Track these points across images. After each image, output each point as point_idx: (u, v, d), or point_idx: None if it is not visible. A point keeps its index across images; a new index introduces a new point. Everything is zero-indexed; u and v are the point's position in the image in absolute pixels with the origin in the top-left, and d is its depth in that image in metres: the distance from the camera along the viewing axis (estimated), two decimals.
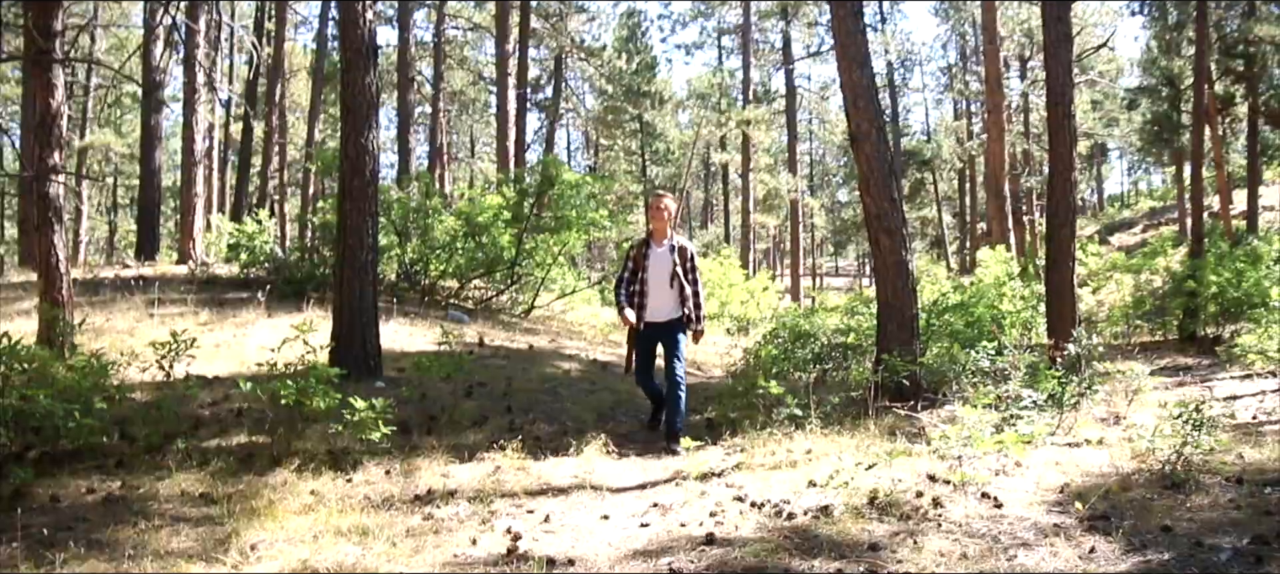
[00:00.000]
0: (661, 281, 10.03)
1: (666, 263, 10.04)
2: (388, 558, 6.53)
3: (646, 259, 10.07)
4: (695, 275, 10.22)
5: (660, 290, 10.03)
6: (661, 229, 10.17)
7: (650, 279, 10.02)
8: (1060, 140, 13.92)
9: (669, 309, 10.09)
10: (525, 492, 8.40)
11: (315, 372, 9.36)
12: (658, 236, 10.17)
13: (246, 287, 18.31)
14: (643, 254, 10.11)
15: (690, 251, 10.28)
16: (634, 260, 10.16)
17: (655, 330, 10.12)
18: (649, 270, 10.02)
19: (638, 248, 10.23)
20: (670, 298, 10.08)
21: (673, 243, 10.16)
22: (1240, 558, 6.38)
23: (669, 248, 10.11)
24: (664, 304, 10.07)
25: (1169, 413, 9.45)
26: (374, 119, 12.36)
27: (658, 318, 10.07)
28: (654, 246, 10.11)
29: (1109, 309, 28.62)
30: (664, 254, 10.08)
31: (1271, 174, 47.88)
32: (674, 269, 10.04)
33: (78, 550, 6.43)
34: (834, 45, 13.49)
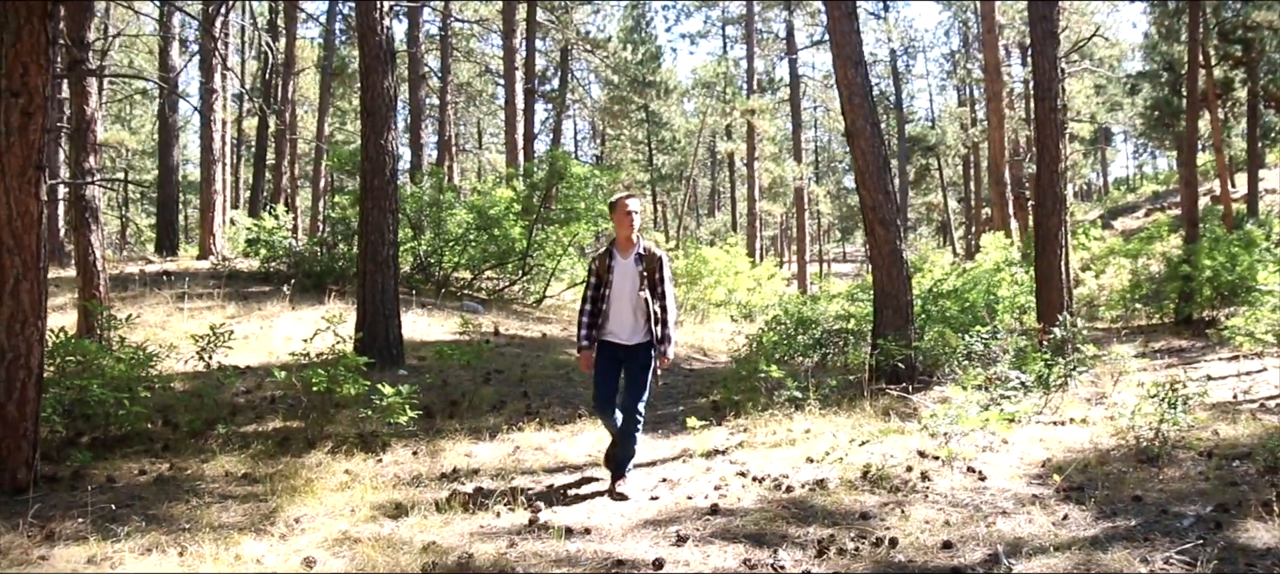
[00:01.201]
0: (626, 298, 8.34)
1: (632, 275, 8.34)
2: (421, 528, 7.18)
3: (611, 272, 8.39)
4: (665, 288, 8.43)
5: (625, 308, 8.34)
6: (627, 237, 8.40)
7: (614, 295, 8.35)
8: (1047, 133, 14.50)
9: (634, 330, 8.34)
10: (543, 469, 9.10)
11: (345, 360, 10.03)
12: (623, 245, 8.44)
13: (267, 280, 18.92)
14: (606, 266, 8.43)
15: (661, 260, 8.48)
16: (597, 274, 8.49)
17: (617, 352, 8.38)
18: (613, 286, 8.35)
19: (601, 259, 8.54)
20: (636, 318, 8.35)
21: (640, 250, 8.43)
22: (1201, 524, 7.02)
23: (636, 257, 8.38)
24: (629, 323, 8.35)
25: (1147, 393, 10.11)
26: (393, 120, 12.97)
27: (621, 338, 8.35)
28: (619, 257, 8.40)
29: (1109, 293, 29.10)
30: (630, 266, 8.36)
31: (1274, 157, 48.26)
32: (641, 283, 8.32)
33: (139, 524, 7.07)
34: (830, 44, 14.07)
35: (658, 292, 8.37)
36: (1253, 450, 8.95)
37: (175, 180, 26.54)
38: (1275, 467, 8.47)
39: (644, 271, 8.33)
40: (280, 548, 6.70)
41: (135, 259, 23.76)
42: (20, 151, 7.77)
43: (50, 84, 8.13)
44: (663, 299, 8.39)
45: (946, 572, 6.17)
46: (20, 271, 7.87)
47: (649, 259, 8.38)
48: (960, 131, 60.12)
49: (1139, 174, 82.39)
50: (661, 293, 8.38)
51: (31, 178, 7.84)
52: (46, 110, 8.04)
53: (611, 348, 8.39)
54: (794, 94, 51.65)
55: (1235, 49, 35.62)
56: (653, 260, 8.39)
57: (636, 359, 8.34)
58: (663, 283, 8.39)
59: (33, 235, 7.92)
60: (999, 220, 32.97)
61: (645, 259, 8.37)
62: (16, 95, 7.74)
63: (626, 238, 8.41)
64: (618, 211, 8.45)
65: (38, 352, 8.06)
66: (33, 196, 7.87)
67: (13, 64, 7.74)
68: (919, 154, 65.92)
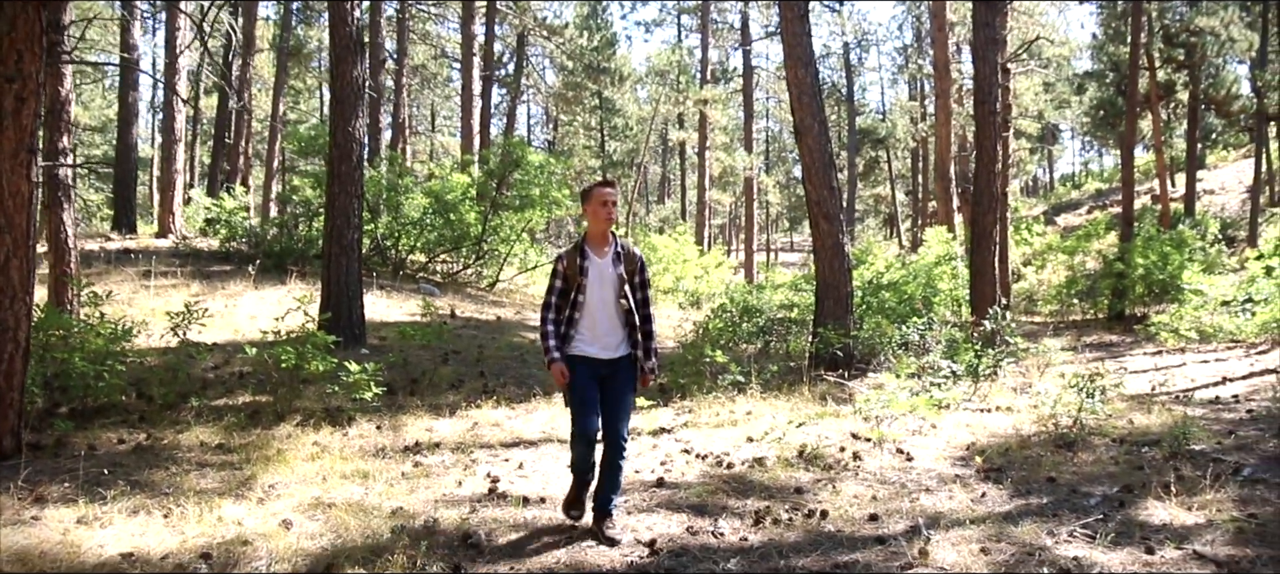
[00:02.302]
0: (605, 305, 6.92)
1: (610, 279, 6.93)
2: (387, 495, 7.75)
3: (584, 273, 6.91)
4: (647, 295, 7.16)
5: (604, 317, 6.93)
6: (602, 232, 7.00)
7: (590, 301, 6.91)
8: (986, 135, 15.20)
9: (615, 343, 6.96)
10: (500, 444, 9.68)
11: (314, 339, 10.56)
12: (597, 241, 7.01)
13: (227, 260, 19.30)
14: (578, 266, 6.93)
15: (642, 262, 7.17)
16: (565, 276, 6.98)
17: (597, 369, 6.91)
18: (587, 290, 6.90)
19: (570, 258, 7.01)
20: (616, 327, 6.96)
21: (619, 249, 7.04)
22: (1106, 502, 7.71)
23: (614, 256, 6.99)
24: (608, 336, 6.95)
25: (1067, 384, 10.86)
26: (361, 109, 13.44)
27: (600, 353, 6.92)
28: (593, 255, 6.95)
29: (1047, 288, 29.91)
30: (607, 267, 6.94)
31: (1214, 158, 49.42)
32: (621, 287, 6.94)
33: (124, 488, 7.57)
34: (782, 44, 14.69)
35: (638, 297, 7.04)
36: (1161, 438, 9.68)
37: (133, 158, 26.75)
38: (1178, 452, 9.20)
39: (624, 274, 6.94)
40: (258, 511, 7.24)
41: (94, 236, 24.00)
42: (13, 135, 8.22)
43: (42, 71, 8.58)
44: (645, 307, 7.09)
45: (871, 540, 6.79)
46: (10, 249, 8.32)
47: (628, 259, 7.02)
48: (910, 125, 60.87)
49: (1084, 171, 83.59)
50: (643, 300, 7.08)
51: (24, 160, 8.30)
52: (39, 96, 8.50)
53: (590, 365, 6.85)
54: (747, 85, 52.23)
55: (1178, 53, 36.57)
56: (633, 261, 7.04)
57: (620, 376, 6.94)
58: (644, 288, 7.11)
59: (24, 215, 8.38)
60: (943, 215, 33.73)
61: (625, 259, 7.00)
62: (11, 81, 8.19)
63: (601, 233, 6.97)
64: (591, 201, 6.92)
65: (25, 326, 8.52)
66: (24, 178, 8.33)
67: (7, 51, 8.19)
68: (869, 146, 66.70)
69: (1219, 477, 8.24)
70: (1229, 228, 35.07)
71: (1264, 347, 17.09)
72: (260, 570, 6.09)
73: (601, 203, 6.94)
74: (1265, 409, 11.45)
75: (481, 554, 6.51)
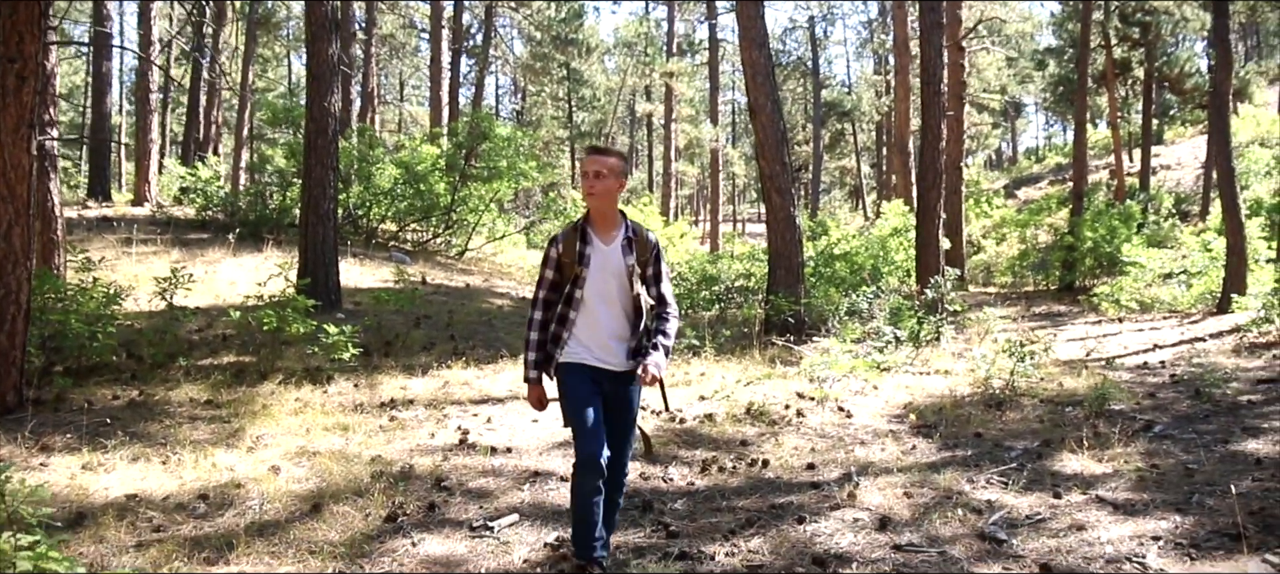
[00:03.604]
0: (609, 303, 5.48)
1: (618, 269, 5.46)
2: (367, 445, 8.46)
3: (584, 262, 5.45)
4: (664, 289, 5.63)
5: (608, 319, 5.48)
6: (607, 209, 5.49)
7: (590, 297, 5.45)
8: (931, 114, 15.93)
9: (622, 353, 5.51)
10: (470, 401, 10.39)
11: (294, 303, 11.23)
12: (601, 222, 5.50)
13: (204, 227, 19.86)
14: (577, 252, 5.47)
15: (655, 246, 5.69)
16: (561, 265, 5.53)
17: (601, 381, 5.47)
18: (587, 284, 5.44)
19: (567, 242, 5.50)
20: (623, 332, 5.52)
21: (630, 233, 5.56)
22: (1026, 454, 8.50)
23: (623, 241, 5.50)
24: (613, 342, 5.49)
25: (1000, 348, 11.66)
26: (336, 84, 14.06)
27: (608, 361, 5.48)
28: (596, 239, 5.47)
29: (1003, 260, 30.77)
30: (614, 255, 5.46)
31: (1171, 135, 50.39)
32: (631, 281, 5.49)
33: (123, 439, 8.23)
34: (737, 27, 15.38)
35: (653, 291, 5.57)
36: (1084, 398, 10.47)
37: (108, 127, 27.20)
38: (1099, 411, 10.00)
39: (634, 265, 5.48)
40: (248, 459, 7.92)
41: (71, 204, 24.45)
42: (15, 111, 8.83)
43: (41, 51, 9.19)
44: (661, 305, 5.58)
45: (806, 485, 7.54)
46: (12, 218, 8.94)
47: (641, 244, 5.55)
48: (874, 98, 61.59)
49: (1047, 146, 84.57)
50: (659, 295, 5.58)
51: (24, 135, 8.91)
52: (38, 75, 9.11)
53: (593, 375, 5.44)
54: (712, 57, 52.77)
55: (1134, 31, 37.35)
56: (646, 247, 5.57)
57: (625, 392, 5.60)
58: (660, 282, 5.60)
59: (24, 186, 9.00)
60: (902, 188, 34.43)
61: (636, 244, 5.53)
62: (12, 61, 8.79)
63: (601, 212, 5.48)
64: (590, 173, 5.42)
65: (26, 289, 9.15)
66: (25, 151, 8.94)
67: (9, 33, 8.79)
68: (835, 119, 67.31)
69: (1132, 433, 9.06)
70: (1183, 203, 36.02)
71: (1197, 317, 17.95)
72: (254, 508, 6.77)
73: (599, 171, 5.37)
74: (1186, 374, 12.25)
75: (453, 495, 7.23)
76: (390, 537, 6.31)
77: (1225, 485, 7.26)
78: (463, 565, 5.90)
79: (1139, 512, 6.86)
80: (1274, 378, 11.81)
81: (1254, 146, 39.20)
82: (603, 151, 5.57)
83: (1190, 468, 7.93)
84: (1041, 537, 6.38)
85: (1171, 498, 7.12)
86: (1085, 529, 6.49)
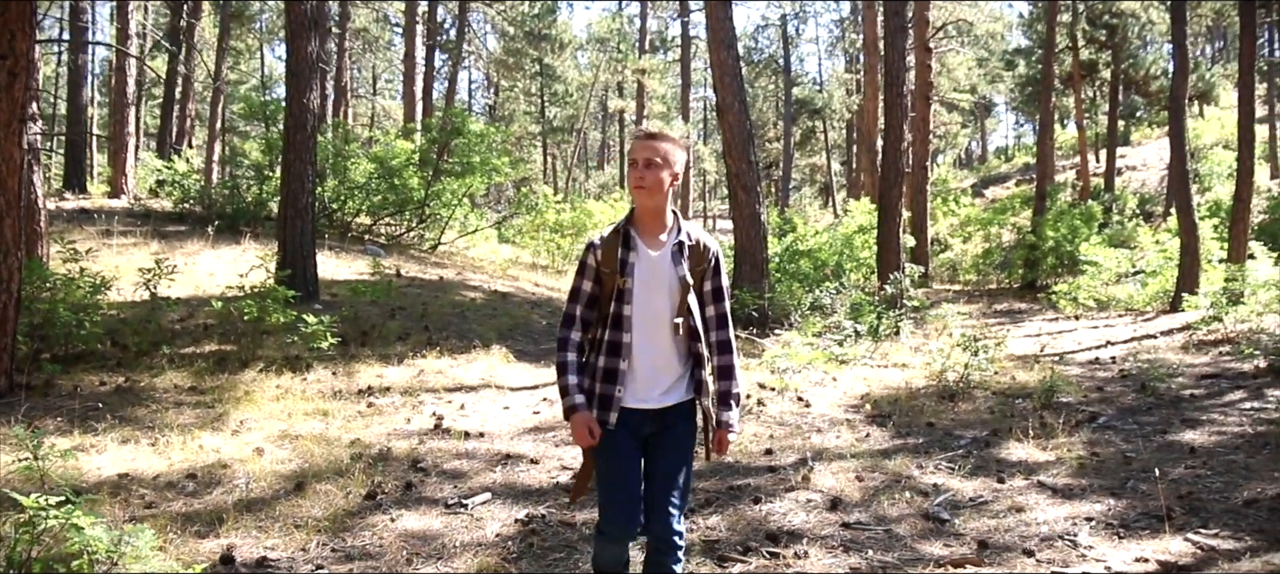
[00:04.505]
0: (659, 323, 4.39)
1: (668, 280, 4.38)
2: (346, 429, 8.87)
3: (628, 272, 4.36)
4: (724, 308, 4.56)
5: (656, 343, 4.39)
6: (659, 207, 4.39)
7: (637, 316, 4.36)
8: (894, 115, 16.40)
9: (668, 382, 4.41)
10: (444, 389, 10.80)
11: (274, 293, 11.60)
12: (649, 222, 4.43)
13: (182, 220, 20.13)
14: (620, 260, 4.37)
15: (714, 254, 4.54)
16: (598, 276, 4.43)
17: (639, 425, 4.37)
18: (633, 298, 4.36)
19: (608, 247, 4.40)
20: (672, 359, 4.42)
21: (684, 238, 4.45)
22: (974, 442, 8.98)
23: (674, 247, 4.41)
24: (660, 372, 4.40)
25: (955, 343, 12.15)
26: (314, 81, 14.38)
27: (645, 398, 4.37)
28: (642, 245, 4.40)
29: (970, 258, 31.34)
30: (662, 263, 4.39)
31: (1139, 135, 51.09)
32: (685, 296, 4.39)
33: (112, 422, 8.61)
34: (706, 28, 15.82)
35: (709, 311, 4.51)
36: (1035, 391, 10.95)
37: (84, 119, 27.41)
38: (1048, 403, 10.48)
39: (687, 276, 4.38)
40: (233, 441, 8.32)
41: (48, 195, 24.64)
42: (6, 107, 9.17)
43: (33, 48, 9.53)
44: (723, 326, 4.52)
45: (763, 469, 7.99)
46: (4, 209, 9.29)
47: (697, 253, 4.46)
48: (845, 96, 62.00)
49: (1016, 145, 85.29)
50: (720, 317, 4.52)
51: (15, 130, 9.26)
52: (30, 72, 9.45)
53: (629, 420, 4.35)
54: (685, 54, 53.18)
55: (1101, 33, 37.96)
56: (702, 255, 4.47)
57: (674, 432, 4.41)
58: (720, 300, 4.54)
59: (16, 179, 9.35)
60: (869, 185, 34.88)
61: (691, 251, 4.43)
62: (4, 58, 9.13)
63: (651, 211, 4.40)
64: (639, 161, 4.33)
65: (17, 278, 9.49)
66: (17, 145, 9.29)
67: (1, 31, 9.13)
68: (806, 116, 67.68)
69: (1077, 423, 9.57)
70: (1147, 203, 36.64)
71: (1151, 315, 18.52)
72: (241, 486, 7.16)
73: (631, 161, 4.39)
74: (1134, 369, 12.75)
75: (429, 476, 7.65)
76: (370, 513, 6.72)
77: (1160, 472, 7.74)
78: (439, 539, 6.31)
79: (1076, 495, 7.32)
80: (1217, 373, 12.34)
81: (1218, 149, 39.86)
82: (657, 137, 4.41)
83: (1128, 456, 8.41)
84: (982, 517, 6.85)
85: (1108, 483, 7.59)
86: (1024, 511, 6.96)
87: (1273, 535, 6.28)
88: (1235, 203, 19.38)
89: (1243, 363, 12.69)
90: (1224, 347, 14.05)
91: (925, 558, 6.09)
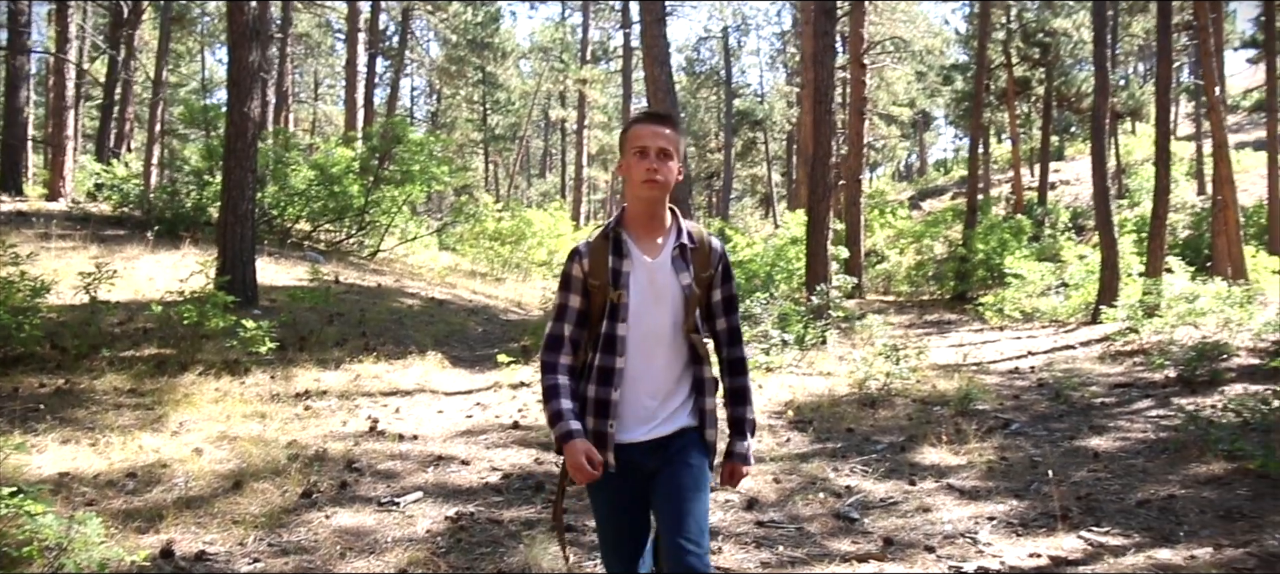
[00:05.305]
0: (658, 340, 3.81)
1: (670, 290, 3.81)
2: (283, 431, 9.13)
3: (622, 284, 3.77)
4: (735, 321, 4.03)
5: (655, 363, 3.82)
6: (655, 200, 3.80)
7: (633, 335, 3.79)
8: (822, 131, 16.78)
9: (670, 408, 3.85)
10: (380, 393, 11.07)
11: (214, 298, 11.81)
12: (646, 224, 3.85)
13: (121, 224, 20.15)
14: (612, 271, 3.79)
15: (721, 256, 3.98)
16: (586, 286, 3.83)
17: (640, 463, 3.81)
18: (629, 314, 3.78)
19: (595, 254, 3.82)
20: (672, 380, 3.85)
21: (685, 240, 3.87)
22: (891, 447, 9.38)
23: (674, 252, 3.83)
24: (660, 396, 3.83)
25: (876, 352, 12.57)
26: (256, 91, 14.58)
27: (645, 432, 3.81)
28: (636, 250, 3.82)
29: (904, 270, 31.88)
30: (661, 270, 3.81)
31: (1073, 150, 52.05)
32: (691, 308, 3.81)
33: (52, 423, 8.78)
34: (641, 44, 16.17)
35: (720, 323, 3.99)
36: (952, 399, 11.36)
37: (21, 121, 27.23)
38: (964, 410, 10.90)
39: (692, 286, 3.81)
40: (173, 442, 8.55)
41: None
42: None
43: None
44: (734, 341, 4.03)
45: None
46: None
47: (701, 256, 3.89)
48: (786, 108, 62.53)
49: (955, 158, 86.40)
50: (731, 331, 4.01)
51: None
52: None
53: (627, 458, 3.81)
54: (626, 65, 53.40)
55: (1035, 51, 38.73)
56: (708, 258, 3.91)
57: (678, 462, 3.79)
58: (731, 311, 4.01)
59: None
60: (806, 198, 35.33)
61: (694, 255, 3.87)
62: None
63: (652, 211, 3.84)
64: (627, 148, 3.83)
65: None
66: None
67: None
68: (747, 127, 68.17)
69: (990, 429, 10.00)
70: (1079, 217, 37.36)
71: (1073, 326, 19.05)
72: (180, 485, 7.42)
73: (638, 149, 3.75)
74: (1051, 378, 13.22)
75: (364, 476, 7.94)
76: (306, 510, 7.00)
77: (1063, 475, 8.19)
78: (372, 535, 6.61)
79: (982, 497, 7.73)
80: (1129, 383, 12.82)
81: (1147, 165, 40.67)
82: (667, 120, 3.85)
83: (1036, 460, 8.84)
84: (891, 517, 7.24)
85: (1013, 485, 8.01)
86: (931, 511, 7.36)
87: (1160, 533, 6.71)
88: (1153, 219, 20.02)
89: (1154, 373, 13.16)
90: (1138, 357, 14.54)
91: (833, 554, 6.46)
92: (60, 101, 26.33)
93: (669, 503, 3.68)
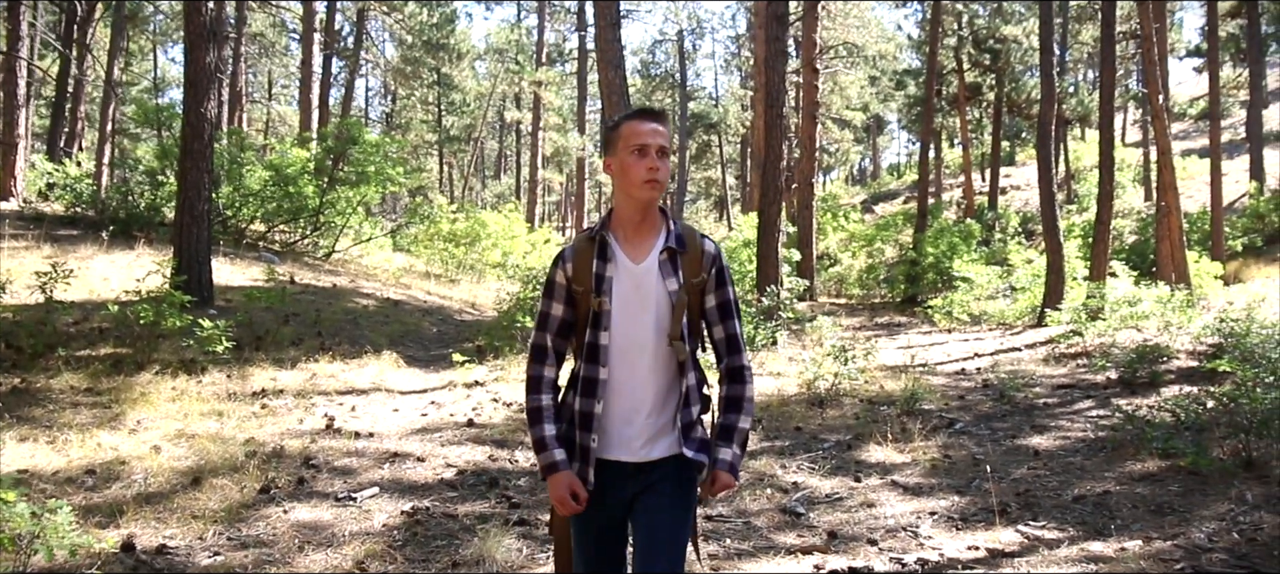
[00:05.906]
0: (643, 351, 3.52)
1: (656, 299, 3.53)
2: (240, 429, 9.25)
3: (605, 290, 3.53)
4: (734, 326, 3.65)
5: (640, 378, 3.52)
6: (653, 201, 3.56)
7: (615, 344, 3.51)
8: (774, 136, 17.02)
9: (655, 427, 3.53)
10: (336, 392, 11.20)
11: (171, 298, 11.90)
12: (635, 226, 3.60)
13: (74, 224, 20.12)
14: (595, 276, 3.54)
15: (714, 258, 3.64)
16: (571, 296, 3.60)
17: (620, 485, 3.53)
18: (612, 322, 3.51)
19: (579, 258, 3.58)
20: (660, 396, 3.54)
21: (674, 243, 3.57)
22: (838, 445, 9.62)
23: (662, 254, 3.55)
24: (641, 415, 3.52)
25: (825, 353, 12.81)
26: (212, 91, 14.65)
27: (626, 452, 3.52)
28: (622, 254, 3.57)
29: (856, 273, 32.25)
30: (648, 275, 3.54)
31: (1024, 155, 52.67)
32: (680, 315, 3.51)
33: (9, 422, 8.85)
34: (595, 49, 16.36)
35: (716, 330, 3.67)
36: (898, 398, 11.61)
37: None
38: (910, 410, 11.16)
39: (681, 289, 3.54)
40: (131, 440, 8.66)
41: None
42: None
43: None
44: (735, 347, 3.66)
45: None
46: None
47: (692, 259, 3.61)
48: (740, 112, 62.85)
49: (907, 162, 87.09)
50: (730, 337, 3.65)
51: None
52: None
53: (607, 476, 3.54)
54: (581, 67, 53.65)
55: (986, 57, 39.23)
56: (699, 261, 3.61)
57: (664, 489, 3.53)
58: (729, 317, 3.66)
59: None
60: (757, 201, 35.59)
61: (685, 260, 3.59)
62: None
63: (644, 212, 3.59)
64: (618, 146, 3.56)
65: None
66: None
67: None
68: (702, 131, 68.50)
69: (934, 428, 10.28)
70: (1029, 221, 37.88)
71: (1019, 329, 19.41)
72: (139, 481, 7.54)
73: (637, 148, 3.51)
74: (996, 379, 13.50)
75: (321, 472, 8.09)
76: (264, 505, 7.15)
77: (1004, 472, 8.45)
78: (329, 529, 6.77)
79: (924, 493, 7.98)
80: (1072, 384, 13.13)
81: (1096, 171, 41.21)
82: (663, 117, 3.61)
83: (978, 458, 9.11)
84: (835, 512, 7.47)
85: (955, 482, 8.27)
86: (875, 506, 7.59)
87: (1093, 526, 6.97)
88: (1097, 224, 20.42)
89: (1096, 374, 13.48)
90: (1081, 359, 14.86)
91: (778, 547, 6.67)
92: (12, 100, 26.12)
93: (645, 538, 3.47)
